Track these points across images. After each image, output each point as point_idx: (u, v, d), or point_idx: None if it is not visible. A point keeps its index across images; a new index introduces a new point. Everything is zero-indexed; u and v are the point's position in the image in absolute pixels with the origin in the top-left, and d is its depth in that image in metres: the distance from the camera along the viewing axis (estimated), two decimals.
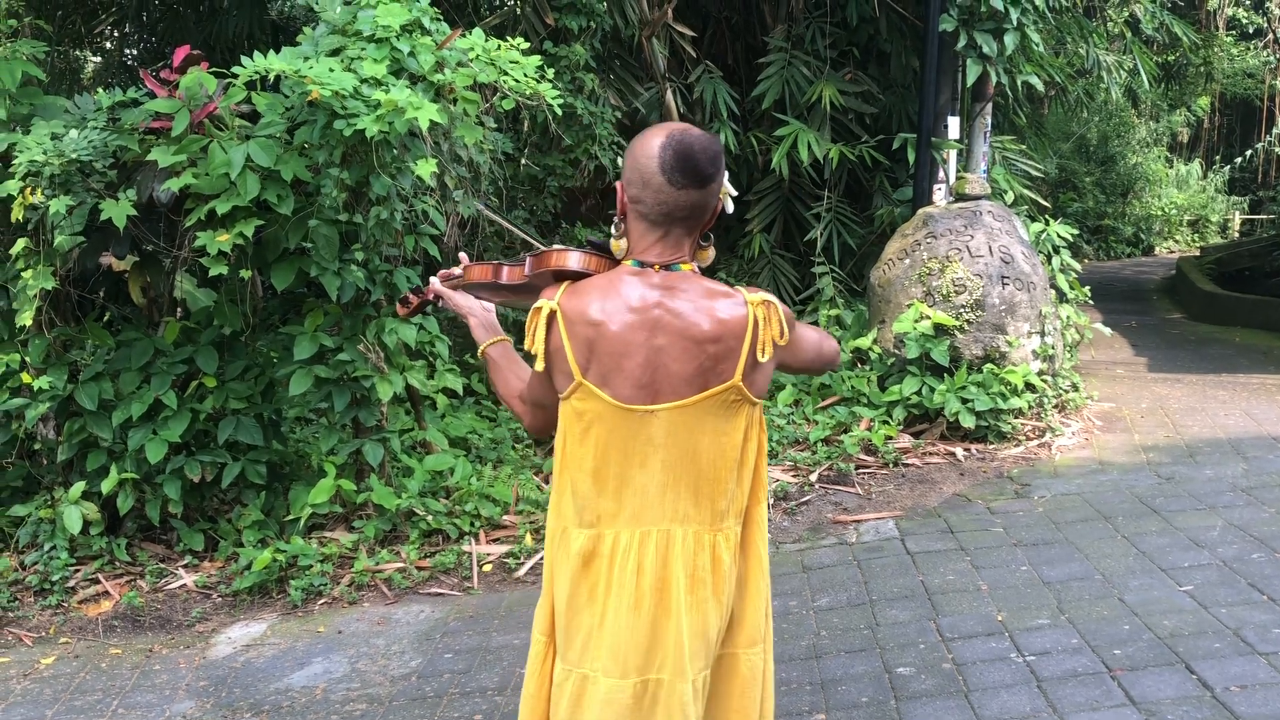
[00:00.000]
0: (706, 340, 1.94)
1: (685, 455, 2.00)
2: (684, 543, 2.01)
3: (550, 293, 2.02)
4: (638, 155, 1.97)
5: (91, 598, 4.72)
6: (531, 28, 7.63)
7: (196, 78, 4.50)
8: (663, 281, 1.98)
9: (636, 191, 1.97)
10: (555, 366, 2.01)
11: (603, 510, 2.02)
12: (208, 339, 5.02)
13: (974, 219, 7.13)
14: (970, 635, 3.98)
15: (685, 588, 2.01)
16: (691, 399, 1.97)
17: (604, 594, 2.02)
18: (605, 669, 2.00)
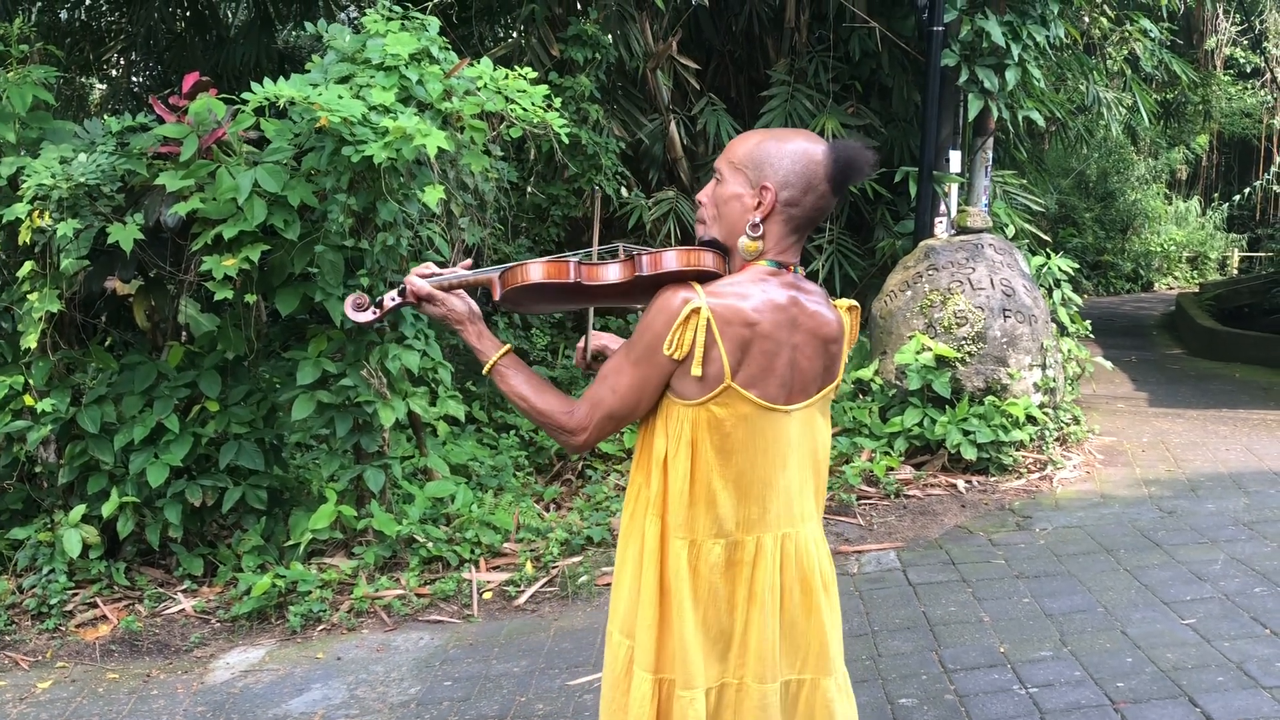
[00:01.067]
0: (830, 340, 2.04)
1: (810, 454, 2.08)
2: (814, 541, 2.10)
3: (678, 291, 1.94)
4: (802, 160, 1.99)
5: (89, 622, 4.69)
6: (537, 58, 7.71)
7: (205, 104, 4.54)
8: (794, 282, 2.02)
9: (796, 195, 1.99)
10: (688, 369, 1.94)
11: (745, 517, 2.02)
12: (211, 363, 5.02)
13: (976, 252, 7.16)
14: (973, 667, 3.96)
15: (820, 586, 2.09)
16: (815, 397, 2.05)
17: (747, 601, 2.03)
18: (757, 675, 2.03)
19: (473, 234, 5.62)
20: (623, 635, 2.12)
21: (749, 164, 2.00)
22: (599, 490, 6.06)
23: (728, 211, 2.02)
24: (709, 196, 2.07)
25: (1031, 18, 7.74)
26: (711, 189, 2.07)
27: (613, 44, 7.92)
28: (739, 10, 9.16)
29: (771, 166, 1.99)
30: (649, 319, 1.95)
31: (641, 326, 1.97)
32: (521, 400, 2.05)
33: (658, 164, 8.71)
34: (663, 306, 1.93)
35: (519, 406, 2.07)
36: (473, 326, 2.11)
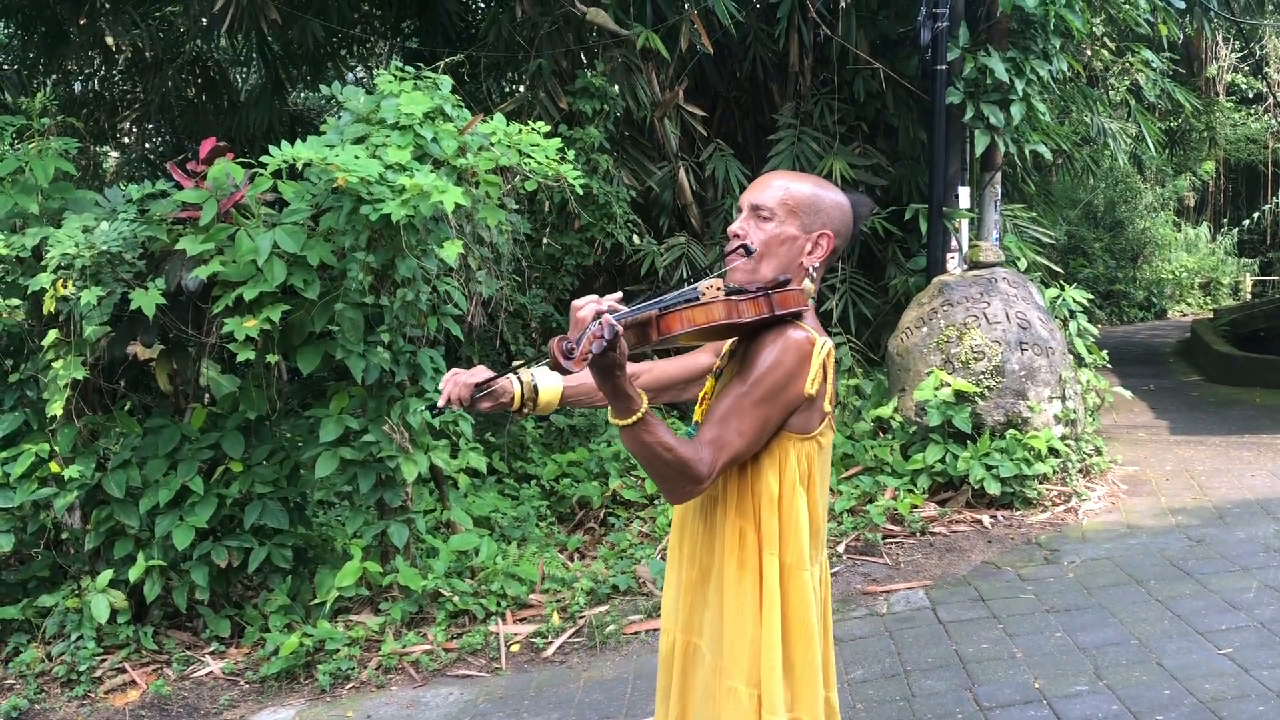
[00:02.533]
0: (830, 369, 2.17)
1: None
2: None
3: (797, 329, 2.00)
4: (844, 210, 2.15)
5: (118, 687, 4.69)
6: (546, 112, 7.80)
7: (224, 168, 4.61)
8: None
9: (842, 242, 2.14)
10: (817, 404, 2.05)
11: (818, 542, 2.15)
12: (233, 424, 5.05)
13: (990, 286, 7.17)
14: (1008, 704, 3.92)
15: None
16: None
17: (822, 627, 2.16)
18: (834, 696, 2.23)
19: (489, 286, 5.66)
20: (750, 687, 2.04)
21: (807, 209, 2.09)
22: (623, 538, 6.05)
23: (783, 252, 2.09)
24: (764, 234, 2.09)
25: (1034, 53, 7.80)
26: (757, 225, 2.10)
27: (620, 95, 8.02)
28: (743, 57, 9.26)
29: (828, 214, 2.11)
30: (775, 358, 1.95)
31: (764, 367, 1.96)
32: (666, 451, 1.89)
33: (668, 210, 8.78)
34: (790, 346, 1.97)
35: (657, 457, 1.89)
36: (625, 370, 1.87)
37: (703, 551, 2.14)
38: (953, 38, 7.63)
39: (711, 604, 2.13)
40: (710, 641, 2.13)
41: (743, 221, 2.11)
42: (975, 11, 7.87)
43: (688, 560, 2.18)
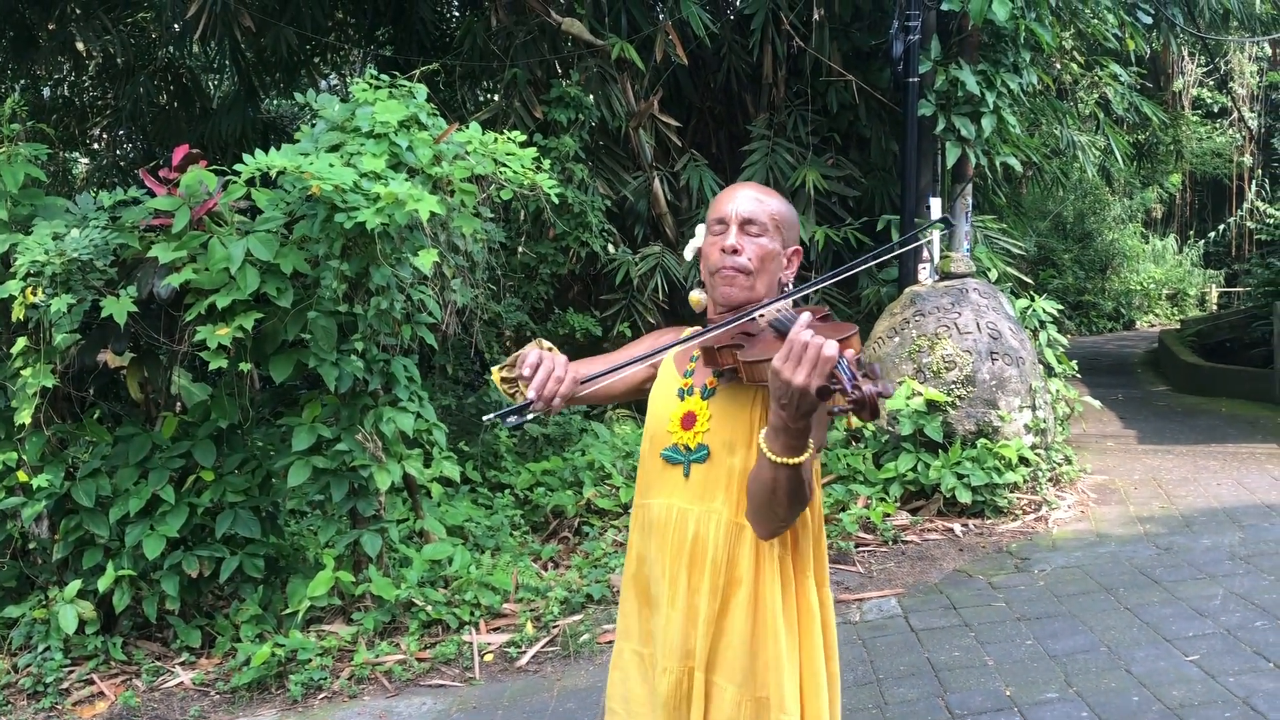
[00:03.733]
0: None
1: None
2: None
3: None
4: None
5: (86, 699, 4.63)
6: (521, 121, 7.81)
7: (197, 176, 4.58)
8: None
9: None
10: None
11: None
12: (205, 433, 5.02)
13: (961, 296, 7.24)
14: (980, 711, 3.95)
15: None
16: None
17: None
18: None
19: (464, 295, 5.66)
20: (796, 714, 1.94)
21: (786, 225, 2.08)
22: (597, 547, 6.05)
23: (772, 268, 2.06)
24: (759, 250, 2.01)
25: (1004, 66, 7.90)
26: (750, 240, 2.01)
27: (595, 104, 8.04)
28: (717, 68, 9.32)
29: (796, 230, 2.13)
30: None
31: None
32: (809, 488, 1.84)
33: (642, 220, 8.80)
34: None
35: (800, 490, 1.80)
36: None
37: (727, 583, 1.97)
38: (924, 50, 7.71)
39: (737, 634, 1.97)
40: (741, 674, 1.96)
41: (737, 236, 2.00)
42: (947, 25, 7.96)
43: (708, 595, 1.97)
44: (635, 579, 2.14)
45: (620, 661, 2.17)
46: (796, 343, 1.67)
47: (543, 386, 1.81)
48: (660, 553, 2.04)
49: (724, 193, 2.11)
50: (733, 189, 2.10)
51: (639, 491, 2.13)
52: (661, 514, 2.04)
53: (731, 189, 2.11)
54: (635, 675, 2.12)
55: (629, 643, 2.16)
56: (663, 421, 2.05)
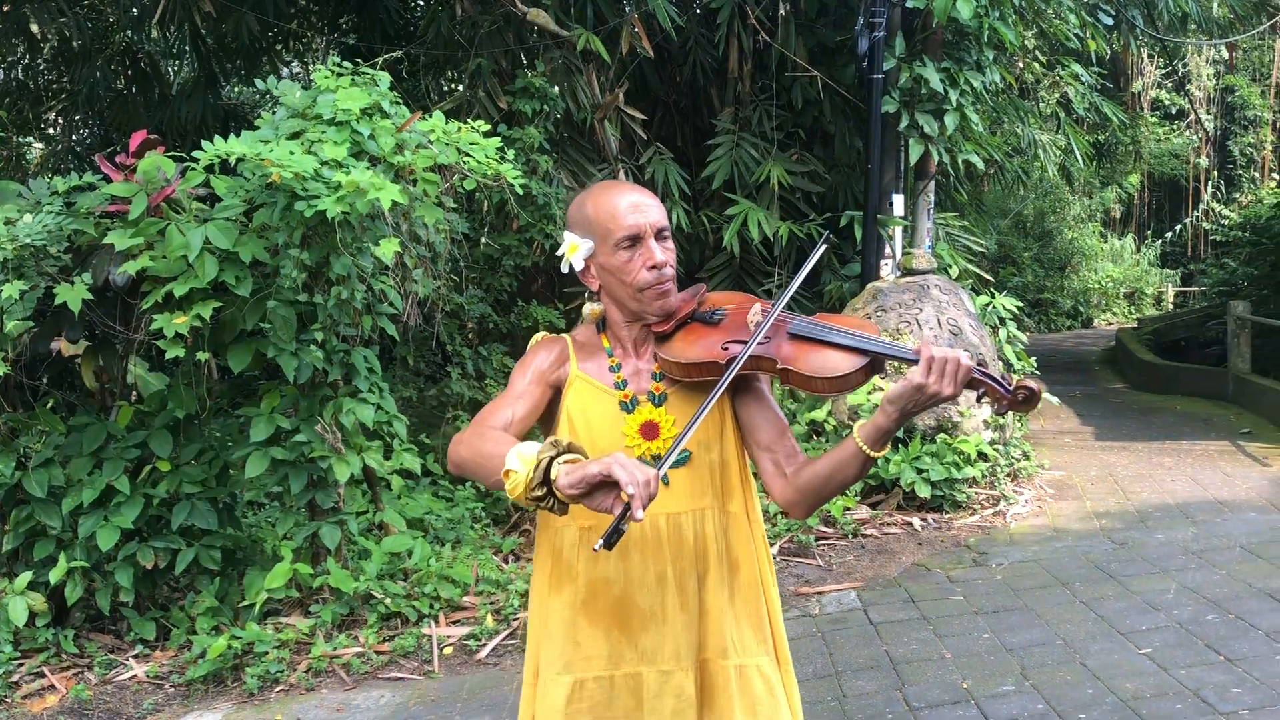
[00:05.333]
0: None
1: None
2: None
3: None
4: None
5: (36, 692, 4.56)
6: (485, 111, 7.76)
7: (154, 161, 4.51)
8: None
9: None
10: None
11: None
12: (161, 423, 4.95)
13: (922, 293, 7.29)
14: (937, 704, 3.98)
15: None
16: None
17: None
18: None
19: (426, 286, 5.62)
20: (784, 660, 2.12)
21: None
22: None
23: None
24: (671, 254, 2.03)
25: (968, 64, 7.96)
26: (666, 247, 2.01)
27: (560, 96, 8.00)
28: (683, 61, 9.31)
29: None
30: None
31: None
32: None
33: None
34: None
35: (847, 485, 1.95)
36: None
37: (729, 570, 2.03)
38: (889, 47, 7.75)
39: (749, 611, 2.05)
40: (756, 645, 2.05)
41: (663, 250, 1.98)
42: (912, 22, 8.00)
43: (716, 587, 2.01)
44: (589, 606, 1.99)
45: (582, 694, 1.99)
46: (937, 360, 1.78)
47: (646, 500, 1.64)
48: (653, 565, 1.99)
49: (611, 200, 1.98)
50: (619, 194, 1.99)
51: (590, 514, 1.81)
52: (648, 530, 1.98)
53: (617, 194, 1.99)
54: (605, 701, 2.00)
55: (586, 672, 1.99)
56: (614, 439, 1.99)
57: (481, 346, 8.30)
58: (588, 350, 2.04)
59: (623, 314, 2.02)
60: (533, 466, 1.65)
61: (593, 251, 1.99)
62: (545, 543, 2.06)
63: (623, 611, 1.99)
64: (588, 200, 2.02)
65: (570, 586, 2.01)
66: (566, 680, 1.99)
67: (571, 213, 2.04)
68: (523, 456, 1.67)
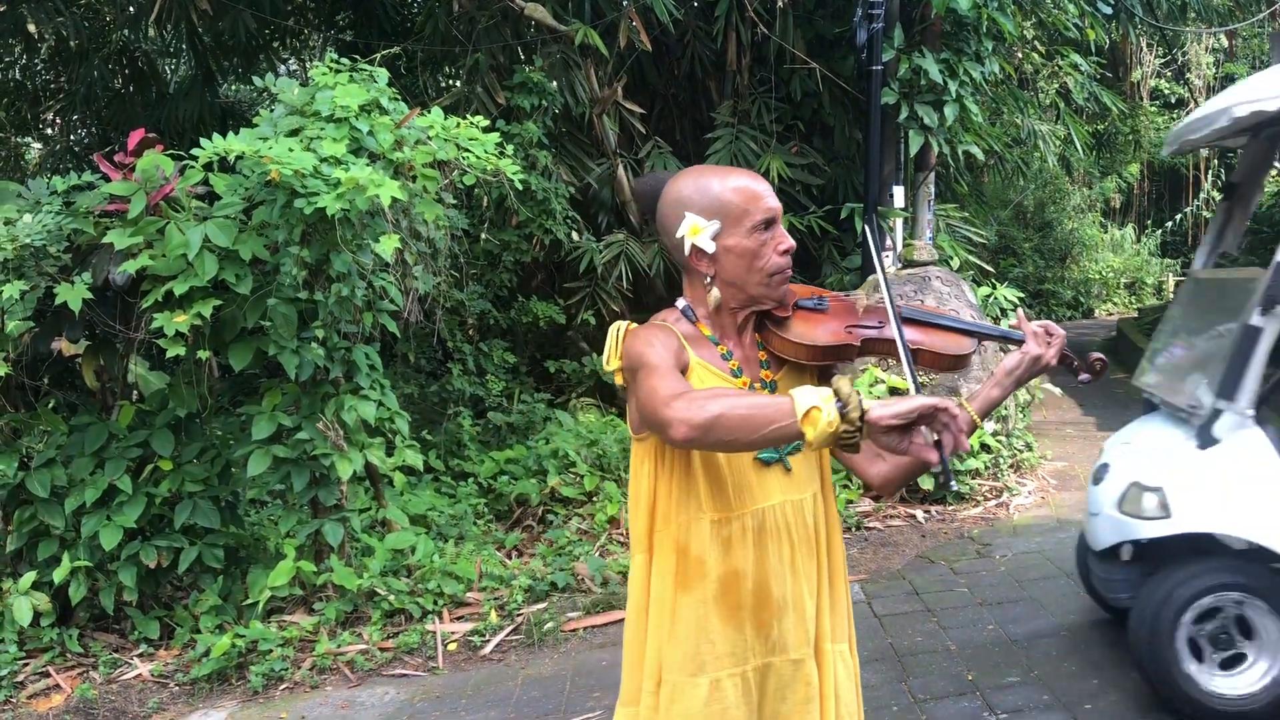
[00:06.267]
0: None
1: None
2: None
3: None
4: None
5: (42, 692, 4.56)
6: (483, 106, 7.75)
7: (153, 160, 4.50)
8: None
9: None
10: None
11: None
12: (162, 422, 4.94)
13: (923, 284, 7.27)
14: (942, 695, 3.98)
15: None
16: None
17: None
18: None
19: (426, 282, 5.61)
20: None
21: None
22: (561, 535, 6.03)
23: None
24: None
25: (967, 55, 7.94)
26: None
27: (558, 91, 7.99)
28: (681, 55, 9.29)
29: None
30: None
31: None
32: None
33: (607, 208, 8.77)
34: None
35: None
36: None
37: (829, 553, 2.05)
38: (888, 39, 7.73)
39: (843, 594, 2.07)
40: (845, 627, 2.08)
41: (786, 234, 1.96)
42: (910, 13, 7.99)
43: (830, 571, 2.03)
44: (720, 601, 1.93)
45: (719, 693, 1.93)
46: (1041, 332, 1.98)
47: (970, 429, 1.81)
48: (786, 552, 1.97)
49: (742, 181, 1.94)
50: (747, 176, 1.95)
51: (722, 505, 1.93)
52: (778, 517, 1.96)
53: (745, 176, 1.95)
54: (741, 697, 1.94)
55: (721, 670, 1.93)
56: None
57: (482, 343, 8.30)
58: (692, 339, 1.95)
59: (736, 299, 1.95)
60: (852, 400, 1.61)
61: (719, 233, 1.91)
62: (666, 541, 1.95)
63: (757, 603, 1.95)
64: (711, 180, 1.93)
65: (701, 584, 1.94)
66: (703, 681, 1.92)
67: (686, 192, 1.92)
68: (824, 395, 1.63)
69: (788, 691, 1.97)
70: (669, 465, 1.94)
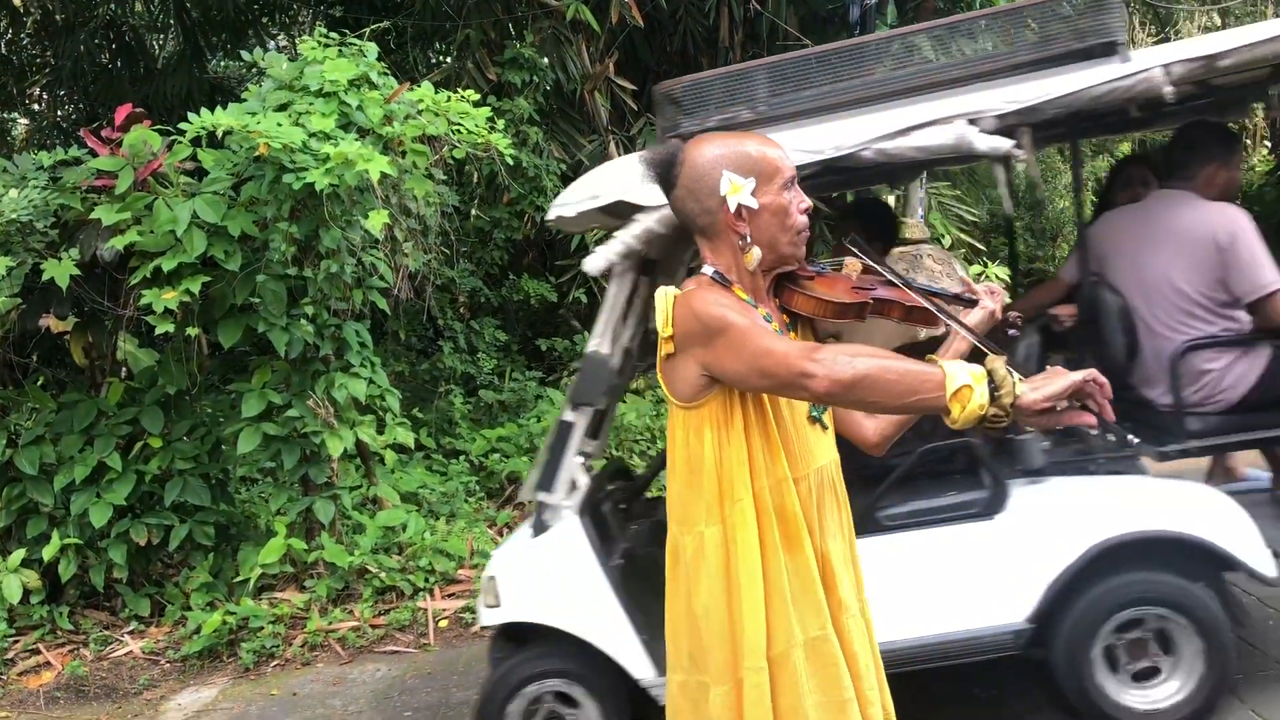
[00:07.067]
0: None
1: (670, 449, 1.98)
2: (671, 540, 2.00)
3: None
4: None
5: (32, 669, 4.57)
6: (474, 82, 7.69)
7: (141, 135, 4.46)
8: None
9: None
10: None
11: None
12: (152, 399, 4.93)
13: (915, 262, 7.25)
14: None
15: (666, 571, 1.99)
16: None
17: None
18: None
19: (416, 259, 5.59)
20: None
21: None
22: None
23: None
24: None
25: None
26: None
27: (550, 67, 7.93)
28: (673, 31, 9.23)
29: None
30: None
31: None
32: None
33: None
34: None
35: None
36: None
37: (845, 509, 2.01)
38: (881, 15, 7.70)
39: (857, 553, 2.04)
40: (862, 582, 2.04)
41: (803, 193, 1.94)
42: None
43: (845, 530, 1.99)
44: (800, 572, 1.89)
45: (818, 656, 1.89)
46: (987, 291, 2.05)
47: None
48: (837, 512, 1.97)
49: (768, 141, 1.94)
50: (764, 138, 1.95)
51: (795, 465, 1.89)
52: (824, 477, 1.95)
53: (762, 138, 1.95)
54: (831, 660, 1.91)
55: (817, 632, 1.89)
56: None
57: (473, 320, 8.28)
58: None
59: (767, 260, 1.91)
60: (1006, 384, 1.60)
61: (754, 192, 1.88)
62: (749, 508, 1.87)
63: (827, 565, 1.94)
64: (738, 142, 1.91)
65: (803, 543, 1.89)
66: (827, 636, 1.89)
67: (720, 152, 1.89)
68: (977, 375, 1.61)
69: (859, 648, 1.96)
70: (741, 430, 1.87)
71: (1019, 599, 3.02)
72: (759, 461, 1.87)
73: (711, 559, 1.88)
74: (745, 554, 1.86)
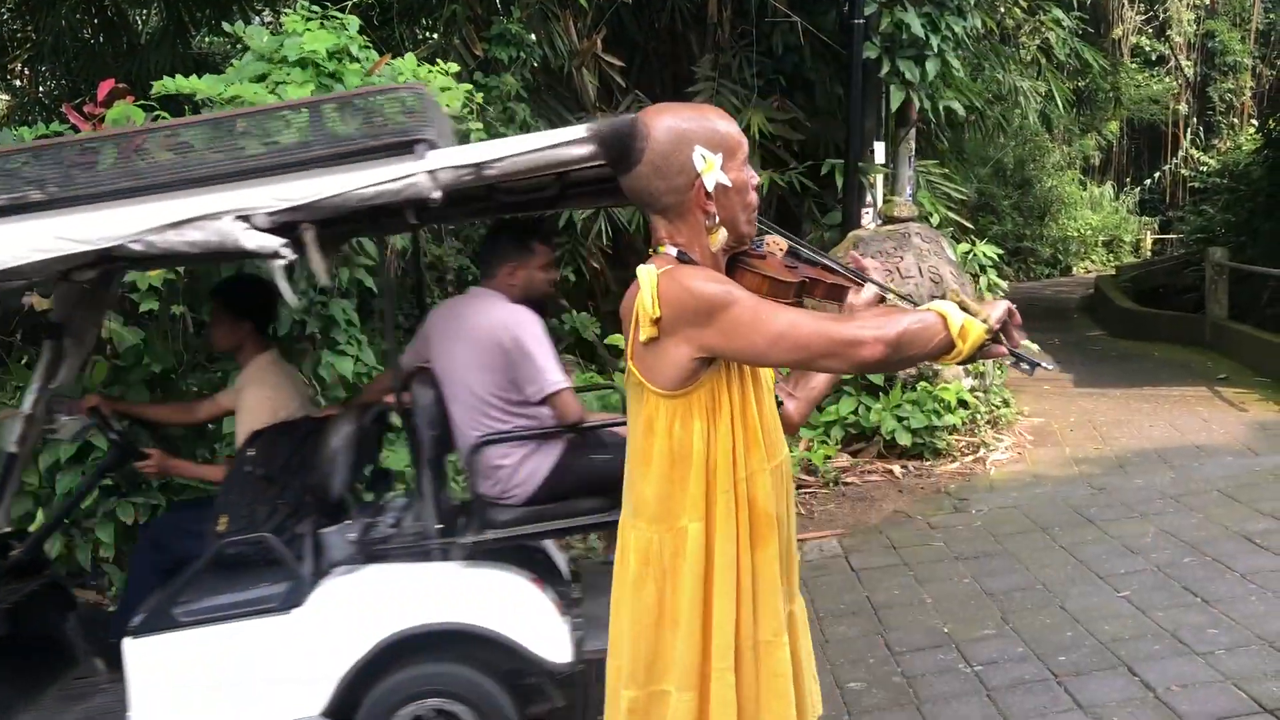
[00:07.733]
0: (624, 318, 1.83)
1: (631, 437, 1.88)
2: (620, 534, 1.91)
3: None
4: None
5: None
6: (460, 58, 7.63)
7: (123, 111, 4.41)
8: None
9: None
10: None
11: None
12: (138, 378, 4.88)
13: (903, 241, 7.26)
14: (918, 648, 4.02)
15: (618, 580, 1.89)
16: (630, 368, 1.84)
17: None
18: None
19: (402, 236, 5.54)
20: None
21: None
22: None
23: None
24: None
25: (949, 9, 7.86)
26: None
27: (537, 42, 7.88)
28: (662, 7, 9.18)
29: None
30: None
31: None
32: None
33: None
34: None
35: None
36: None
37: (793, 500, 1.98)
38: None
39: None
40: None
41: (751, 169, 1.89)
42: None
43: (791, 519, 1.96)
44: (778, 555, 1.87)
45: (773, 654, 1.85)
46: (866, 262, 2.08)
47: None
48: (786, 505, 1.92)
49: (719, 113, 1.87)
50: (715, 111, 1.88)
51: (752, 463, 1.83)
52: (785, 467, 1.92)
53: (714, 111, 1.88)
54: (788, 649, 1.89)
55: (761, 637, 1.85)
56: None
57: None
58: None
59: (728, 239, 1.86)
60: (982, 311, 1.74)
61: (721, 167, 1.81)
62: (729, 501, 1.80)
63: (786, 555, 1.91)
64: (699, 115, 1.83)
65: (773, 538, 1.84)
66: (760, 645, 1.83)
67: (688, 128, 1.79)
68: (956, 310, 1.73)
69: (804, 640, 1.96)
70: (727, 418, 1.80)
71: (314, 694, 2.99)
72: (739, 452, 1.81)
73: (692, 556, 1.80)
74: (724, 549, 1.80)
